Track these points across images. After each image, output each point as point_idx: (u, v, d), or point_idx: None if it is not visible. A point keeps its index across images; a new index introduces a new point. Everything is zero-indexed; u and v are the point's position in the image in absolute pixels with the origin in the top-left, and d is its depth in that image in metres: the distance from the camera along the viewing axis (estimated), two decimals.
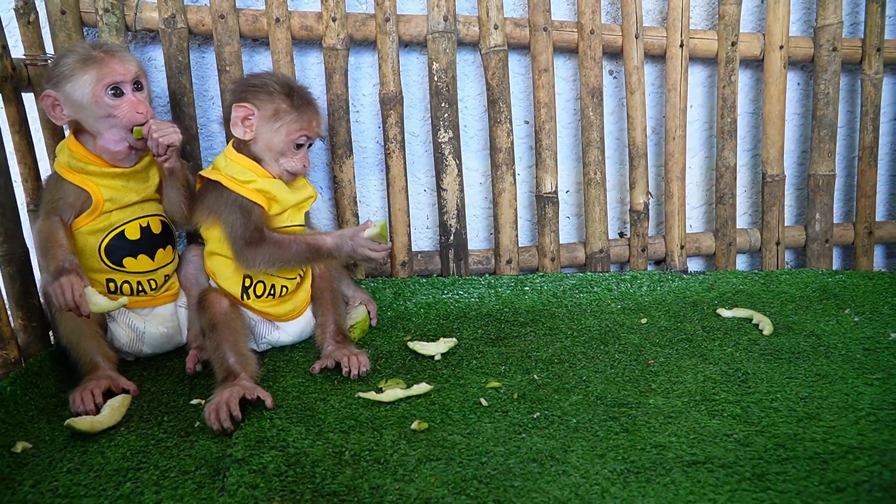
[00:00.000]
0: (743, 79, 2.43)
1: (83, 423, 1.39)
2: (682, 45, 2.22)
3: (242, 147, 1.68)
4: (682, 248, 2.34)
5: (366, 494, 1.17)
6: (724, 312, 2.01)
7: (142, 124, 1.58)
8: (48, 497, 1.20)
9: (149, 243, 1.69)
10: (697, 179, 2.51)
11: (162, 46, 1.93)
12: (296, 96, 1.67)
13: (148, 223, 1.69)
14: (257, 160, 1.68)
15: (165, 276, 1.74)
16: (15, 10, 1.77)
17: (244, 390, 1.44)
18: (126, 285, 1.68)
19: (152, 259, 1.70)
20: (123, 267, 1.66)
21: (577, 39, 2.19)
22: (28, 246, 1.65)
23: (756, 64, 2.42)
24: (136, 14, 1.90)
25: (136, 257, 1.67)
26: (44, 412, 1.51)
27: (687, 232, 2.39)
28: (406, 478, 1.22)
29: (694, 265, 2.50)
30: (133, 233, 1.67)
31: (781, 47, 2.28)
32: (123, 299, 1.55)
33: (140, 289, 1.69)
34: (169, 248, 1.74)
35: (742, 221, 2.56)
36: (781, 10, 2.25)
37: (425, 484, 1.20)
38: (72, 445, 1.37)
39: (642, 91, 2.22)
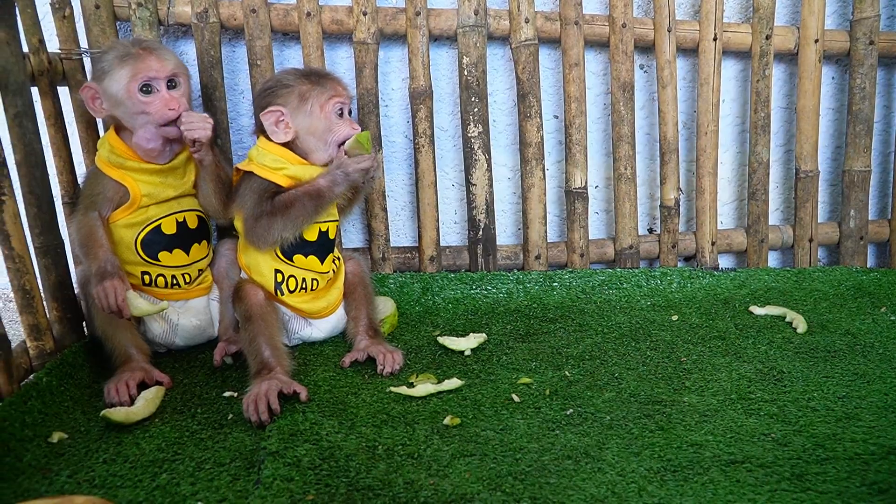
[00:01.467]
0: (776, 73, 2.40)
1: (118, 414, 1.41)
2: (715, 39, 2.20)
3: (290, 148, 1.67)
4: (713, 244, 2.32)
5: (400, 489, 1.17)
6: (757, 310, 1.99)
7: (169, 122, 1.59)
8: (85, 487, 1.21)
9: (184, 238, 1.70)
10: (729, 175, 2.48)
11: (194, 41, 1.94)
12: (311, 75, 1.68)
13: (184, 218, 1.70)
14: (306, 156, 1.67)
15: (199, 270, 1.75)
16: (51, 4, 1.78)
17: (281, 384, 1.45)
18: (161, 278, 1.69)
19: (187, 254, 1.70)
20: (159, 261, 1.67)
21: (609, 33, 2.17)
22: (63, 238, 1.66)
23: (790, 58, 2.39)
24: (168, 9, 1.91)
25: (171, 251, 1.68)
26: (79, 403, 1.52)
27: (718, 228, 2.36)
28: (440, 473, 1.21)
29: (724, 262, 2.47)
30: (169, 227, 1.67)
31: (817, 41, 2.24)
32: (164, 303, 1.59)
33: (174, 282, 1.70)
34: (204, 242, 1.75)
35: (774, 218, 2.53)
36: (817, 3, 2.22)
37: (460, 479, 1.19)
38: (107, 436, 1.38)
39: (674, 85, 2.20)
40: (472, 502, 1.13)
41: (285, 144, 1.66)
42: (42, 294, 1.58)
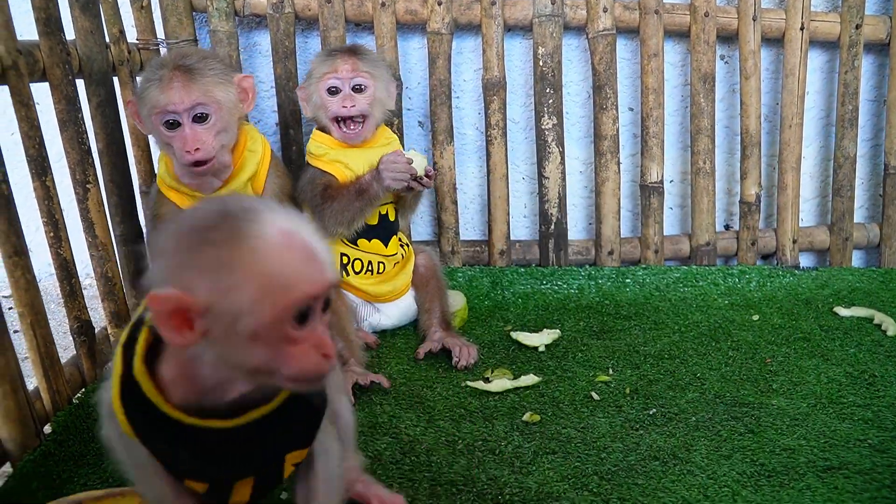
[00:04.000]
0: (863, 64, 2.30)
1: None
2: (802, 29, 2.11)
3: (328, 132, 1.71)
4: (794, 242, 2.24)
5: (484, 485, 1.15)
6: (842, 311, 1.91)
7: (192, 163, 1.42)
8: None
9: None
10: (811, 170, 2.39)
11: (269, 31, 1.94)
12: (327, 52, 1.70)
13: None
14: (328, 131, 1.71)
15: None
16: None
17: (356, 376, 1.45)
18: None
19: None
20: None
21: (690, 23, 2.10)
22: (142, 226, 1.68)
23: (879, 48, 2.28)
24: None
25: None
26: None
27: (799, 225, 2.28)
28: (523, 470, 1.19)
29: (805, 260, 2.38)
30: None
31: None
32: None
33: None
34: None
35: (858, 215, 2.42)
36: None
37: (544, 477, 1.17)
38: None
39: (758, 76, 2.12)
40: (559, 501, 1.10)
41: (324, 130, 1.70)
42: (122, 281, 1.61)
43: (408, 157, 1.61)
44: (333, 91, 1.65)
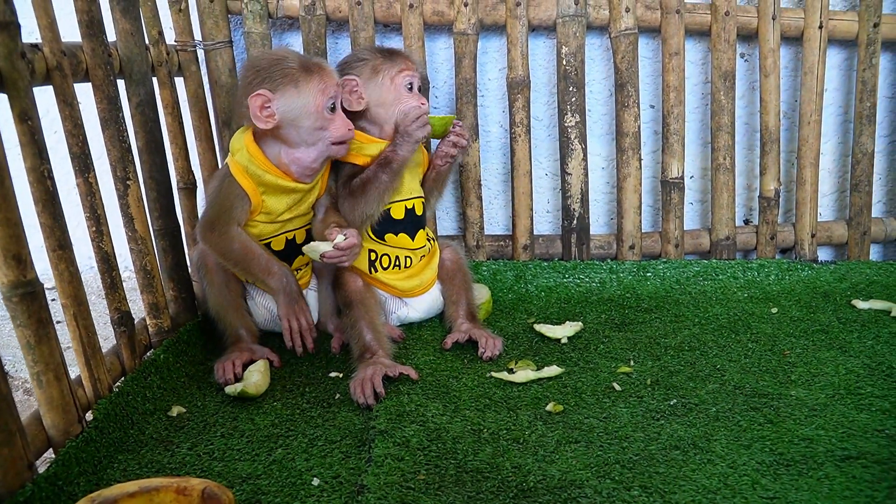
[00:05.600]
0: (881, 62, 2.31)
1: (250, 388, 1.48)
2: (821, 27, 2.14)
3: (356, 124, 1.71)
4: (812, 236, 2.26)
5: (508, 473, 1.19)
6: (860, 304, 1.94)
7: (343, 142, 1.60)
8: (205, 459, 1.27)
9: (291, 253, 1.71)
10: (829, 166, 2.41)
11: (301, 33, 1.99)
12: (384, 51, 1.74)
13: (294, 236, 1.70)
14: (372, 130, 1.73)
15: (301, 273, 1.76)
16: None
17: (386, 368, 1.50)
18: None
19: (290, 264, 1.70)
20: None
21: (710, 22, 2.13)
22: (179, 221, 1.74)
23: None
24: (278, 2, 1.97)
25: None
26: (194, 378, 1.60)
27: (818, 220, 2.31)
28: (547, 458, 1.24)
29: (823, 254, 2.41)
30: (279, 245, 1.68)
31: None
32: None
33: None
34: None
35: (876, 210, 2.44)
36: None
37: (567, 465, 1.21)
38: (222, 411, 1.45)
39: (777, 74, 2.15)
40: (582, 488, 1.14)
41: (358, 124, 1.70)
42: (160, 275, 1.66)
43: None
44: (409, 87, 1.71)
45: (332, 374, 1.60)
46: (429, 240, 1.83)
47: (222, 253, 1.62)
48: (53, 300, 1.62)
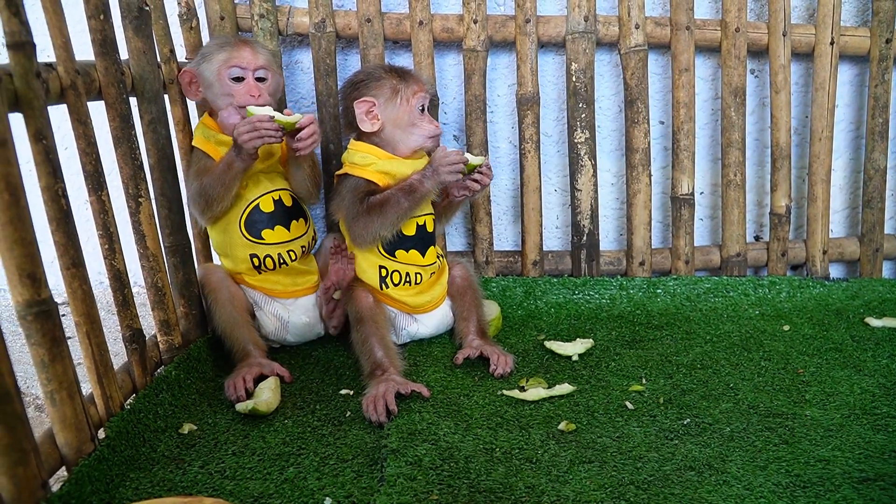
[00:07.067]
0: (893, 77, 2.30)
1: (261, 405, 1.48)
2: (832, 43, 2.14)
3: (367, 140, 1.76)
4: (824, 253, 2.25)
5: (522, 493, 1.19)
6: (874, 322, 1.93)
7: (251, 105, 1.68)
8: (216, 478, 1.27)
9: (283, 215, 1.76)
10: (841, 182, 2.41)
11: (311, 50, 2.00)
12: (399, 71, 1.76)
13: (279, 196, 1.76)
14: (384, 147, 1.74)
15: (302, 247, 1.80)
16: (178, 16, 1.87)
17: (398, 385, 1.49)
18: (269, 259, 1.75)
19: (288, 229, 1.77)
20: (263, 239, 1.74)
21: (720, 38, 2.13)
22: (190, 237, 1.74)
23: None
24: (288, 19, 1.98)
25: (273, 228, 1.75)
26: (204, 395, 1.60)
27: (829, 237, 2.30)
28: (560, 479, 1.23)
29: (834, 271, 2.40)
30: (267, 205, 1.74)
31: None
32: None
33: (281, 261, 1.76)
34: (301, 220, 1.81)
35: (888, 227, 2.43)
36: None
37: (581, 486, 1.20)
38: (233, 428, 1.44)
39: (788, 91, 2.15)
40: None
41: (370, 140, 1.74)
42: (171, 291, 1.66)
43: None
44: (422, 109, 1.75)
45: (343, 392, 1.59)
46: (438, 256, 1.83)
47: (198, 185, 1.68)
48: (64, 315, 1.62)
